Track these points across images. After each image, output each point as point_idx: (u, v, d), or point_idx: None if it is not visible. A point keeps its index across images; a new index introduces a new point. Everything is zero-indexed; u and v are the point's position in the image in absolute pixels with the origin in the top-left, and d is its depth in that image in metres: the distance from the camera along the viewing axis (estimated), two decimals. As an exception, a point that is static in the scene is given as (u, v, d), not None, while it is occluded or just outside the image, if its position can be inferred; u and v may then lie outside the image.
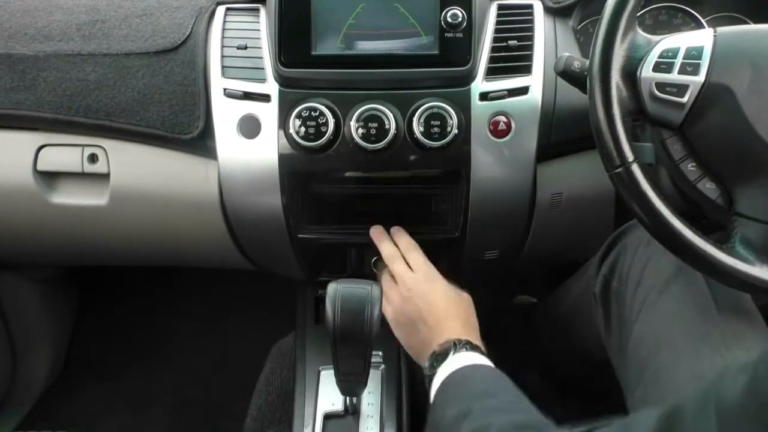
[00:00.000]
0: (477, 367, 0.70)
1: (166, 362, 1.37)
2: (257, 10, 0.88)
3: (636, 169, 0.62)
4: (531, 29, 0.85)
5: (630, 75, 0.64)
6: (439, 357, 0.73)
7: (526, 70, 0.83)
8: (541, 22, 0.86)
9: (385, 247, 0.85)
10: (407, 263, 0.83)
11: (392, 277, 0.83)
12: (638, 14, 0.67)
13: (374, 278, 0.93)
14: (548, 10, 0.88)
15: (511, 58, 0.83)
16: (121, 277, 1.42)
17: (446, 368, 0.71)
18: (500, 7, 0.86)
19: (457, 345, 0.73)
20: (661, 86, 0.63)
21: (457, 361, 0.71)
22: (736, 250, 0.61)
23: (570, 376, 1.05)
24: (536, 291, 1.29)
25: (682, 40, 0.64)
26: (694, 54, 0.63)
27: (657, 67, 0.63)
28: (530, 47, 0.84)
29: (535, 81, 0.82)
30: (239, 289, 1.35)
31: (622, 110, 0.63)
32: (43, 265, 1.27)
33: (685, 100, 0.62)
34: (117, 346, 1.41)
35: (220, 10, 0.89)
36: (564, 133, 0.84)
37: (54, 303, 1.38)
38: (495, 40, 0.84)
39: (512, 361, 0.91)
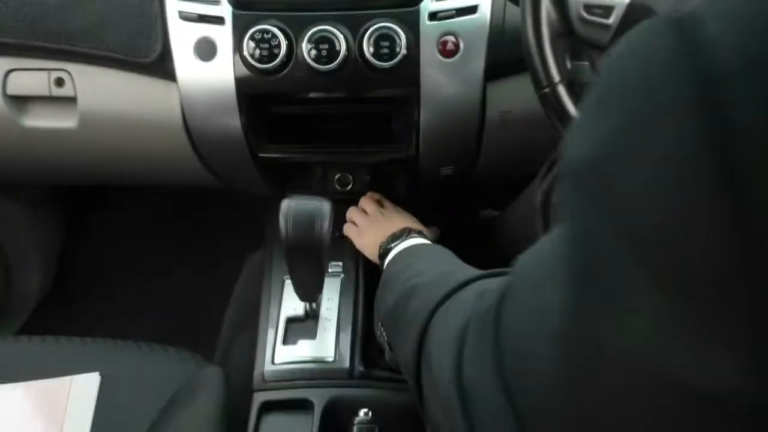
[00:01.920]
0: (424, 243, 0.80)
1: (151, 275, 1.44)
2: (210, -73, 0.88)
3: (561, 89, 0.66)
4: (481, -58, 0.85)
5: (560, -2, 0.66)
6: (392, 238, 0.84)
7: (476, -12, 0.84)
8: None
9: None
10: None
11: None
12: None
13: (338, 197, 1.00)
14: None
15: (461, -23, 0.84)
16: (104, 198, 1.47)
17: (399, 247, 0.81)
18: None
19: (410, 231, 0.84)
20: (589, 8, 0.65)
21: (410, 242, 0.81)
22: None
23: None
24: (501, 205, 1.35)
25: (612, -39, 0.66)
26: (621, -25, 0.65)
27: (585, -10, 0.65)
28: (480, -36, 0.84)
29: (483, 0, 0.84)
30: (217, 209, 1.41)
31: (551, 32, 0.66)
32: (24, 185, 1.32)
33: (610, 21, 0.65)
34: (105, 262, 1.49)
35: (175, -72, 0.89)
36: (512, 53, 0.85)
37: (42, 222, 1.44)
38: (445, -44, 0.84)
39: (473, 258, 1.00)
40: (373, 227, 0.92)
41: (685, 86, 0.21)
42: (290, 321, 0.89)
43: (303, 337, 0.87)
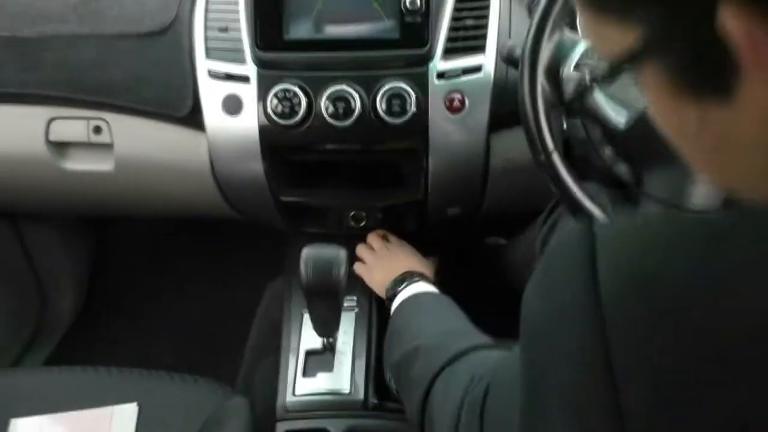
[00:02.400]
0: (424, 293, 0.88)
1: (175, 297, 1.53)
2: (236, -11, 0.96)
3: (556, 158, 0.72)
4: (487, 8, 0.92)
5: (554, 73, 0.73)
6: (397, 282, 0.92)
7: (480, 49, 0.91)
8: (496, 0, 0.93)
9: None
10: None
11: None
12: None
13: (352, 233, 1.08)
14: (505, -14, 0.95)
15: (467, 38, 0.91)
16: (130, 222, 1.56)
17: (403, 294, 0.89)
18: (458, -16, 0.93)
19: (413, 275, 0.92)
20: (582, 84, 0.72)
21: (411, 289, 0.89)
22: (638, 225, 0.72)
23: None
24: (506, 232, 1.41)
25: (602, 40, 0.73)
26: (610, 54, 0.71)
27: (578, 67, 0.72)
28: (485, 26, 0.91)
29: (488, 60, 0.91)
30: (238, 236, 1.49)
31: (546, 104, 0.72)
32: (60, 216, 1.41)
33: (600, 95, 0.72)
34: (132, 285, 1.57)
35: (203, -11, 0.97)
36: (514, 105, 0.93)
37: (73, 245, 1.52)
38: (453, 18, 0.91)
39: (478, 294, 1.08)
40: (380, 265, 1.00)
41: (586, 299, 0.31)
42: (309, 353, 0.97)
43: (321, 370, 0.95)
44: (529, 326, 0.36)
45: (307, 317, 1.02)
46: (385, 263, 0.99)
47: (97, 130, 1.03)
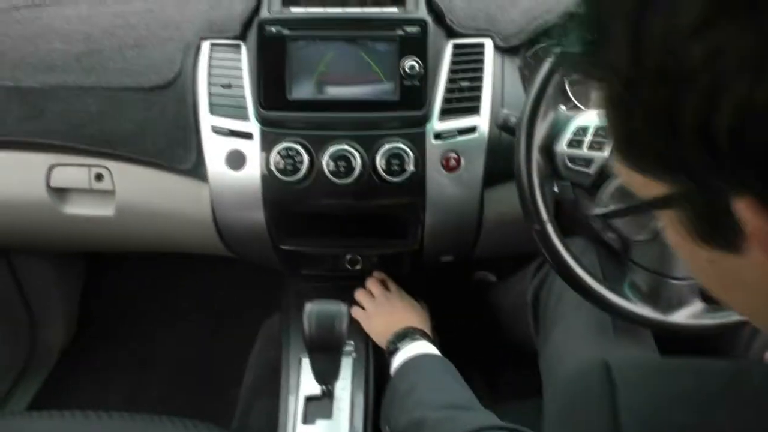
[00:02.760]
0: (426, 355, 0.92)
1: (166, 329, 1.54)
2: (239, 46, 0.99)
3: (549, 227, 0.77)
4: (481, 69, 0.96)
5: (548, 149, 0.78)
6: (398, 338, 0.96)
7: (475, 110, 0.95)
8: (490, 61, 0.97)
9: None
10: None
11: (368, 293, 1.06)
12: None
13: (348, 275, 1.12)
14: (498, 48, 0.99)
15: (463, 99, 0.95)
16: (122, 255, 1.57)
17: (404, 353, 0.93)
18: (455, 46, 0.97)
19: (414, 332, 0.96)
20: (573, 159, 0.77)
21: (412, 348, 0.93)
22: (624, 291, 0.77)
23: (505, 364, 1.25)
24: (496, 268, 1.46)
25: (593, 118, 0.77)
26: (601, 133, 0.76)
27: (570, 144, 0.77)
28: (479, 88, 0.95)
29: (482, 120, 0.95)
30: (232, 268, 1.51)
31: (540, 178, 0.77)
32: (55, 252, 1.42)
33: (591, 171, 0.76)
34: (122, 313, 1.59)
35: (205, 45, 0.99)
36: (508, 163, 0.96)
37: (63, 276, 1.53)
38: (449, 80, 0.95)
39: (469, 341, 1.12)
40: (380, 313, 1.04)
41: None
42: (308, 399, 1.00)
43: (320, 416, 0.98)
44: None
45: (305, 362, 1.05)
46: (386, 313, 1.03)
47: (99, 177, 1.04)
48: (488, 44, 0.98)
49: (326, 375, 0.93)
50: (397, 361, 0.91)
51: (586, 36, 0.32)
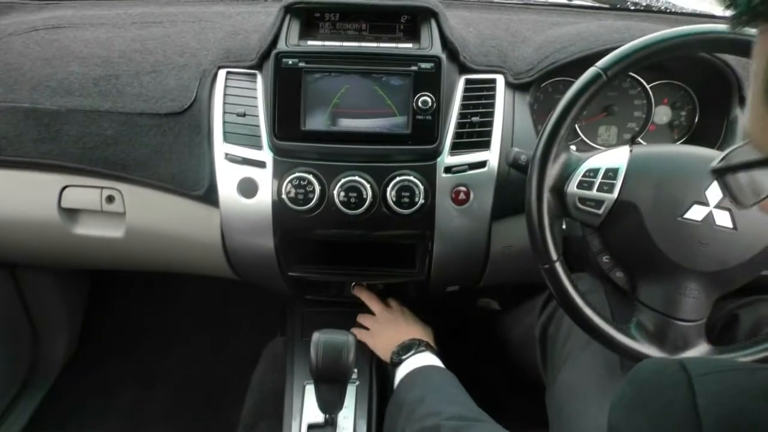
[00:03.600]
0: (432, 367, 0.93)
1: (170, 344, 1.55)
2: (255, 75, 1.00)
3: (558, 267, 0.78)
4: (492, 105, 0.97)
5: (558, 190, 0.79)
6: (403, 349, 0.98)
7: (485, 145, 0.96)
8: (501, 97, 0.98)
9: (365, 295, 1.08)
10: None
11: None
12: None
13: (352, 300, 1.13)
14: (509, 84, 1.00)
15: (473, 134, 0.96)
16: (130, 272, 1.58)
17: (409, 363, 0.94)
18: (468, 81, 0.99)
19: (420, 344, 0.98)
20: (583, 200, 0.78)
21: (417, 359, 0.95)
22: (631, 332, 0.78)
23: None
24: (499, 295, 1.47)
25: (603, 160, 0.79)
26: (610, 175, 0.78)
27: (581, 185, 0.78)
28: (490, 123, 0.97)
29: (492, 155, 0.96)
30: (236, 287, 1.52)
31: (550, 217, 0.78)
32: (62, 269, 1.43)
33: (600, 212, 0.78)
34: (125, 329, 1.59)
35: (222, 73, 1.00)
36: (516, 197, 0.98)
37: (67, 291, 1.54)
38: (460, 116, 0.96)
39: (470, 355, 1.13)
40: (382, 329, 1.06)
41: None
42: (311, 427, 1.00)
43: (323, 444, 0.98)
44: None
45: (309, 389, 1.05)
46: (389, 328, 1.05)
47: (110, 199, 1.05)
48: (500, 80, 0.99)
49: (330, 405, 0.94)
50: (401, 372, 0.92)
51: None
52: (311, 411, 1.03)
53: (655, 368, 0.39)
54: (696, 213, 0.75)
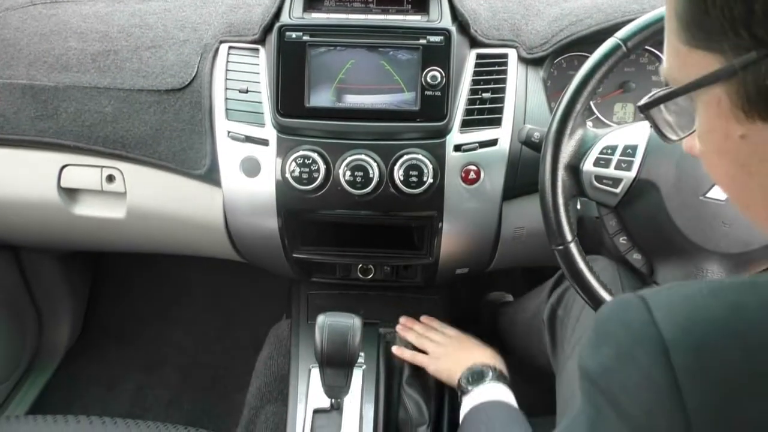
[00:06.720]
0: (500, 404, 0.88)
1: (174, 328, 1.53)
2: (257, 50, 0.97)
3: (573, 247, 0.75)
4: (504, 80, 0.94)
5: (574, 168, 0.75)
6: (473, 375, 0.92)
7: (497, 122, 0.93)
8: (514, 72, 0.94)
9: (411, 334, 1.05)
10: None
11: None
12: None
13: (359, 283, 1.09)
14: (522, 59, 0.96)
15: (484, 111, 0.93)
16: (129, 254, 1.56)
17: (476, 395, 0.89)
18: (479, 56, 0.95)
19: (493, 372, 0.92)
20: (599, 178, 0.75)
21: (488, 391, 0.89)
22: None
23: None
24: (512, 287, 1.43)
25: (621, 137, 0.75)
26: (629, 152, 0.74)
27: (597, 162, 0.74)
28: (501, 100, 0.93)
29: (503, 133, 0.93)
30: (241, 269, 1.49)
31: (565, 196, 0.75)
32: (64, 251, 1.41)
33: (618, 190, 0.74)
34: (130, 313, 1.57)
35: (223, 48, 0.97)
36: (528, 176, 0.95)
37: (71, 274, 1.52)
38: (471, 92, 0.93)
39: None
40: (448, 353, 1.00)
41: (648, 336, 0.36)
42: (316, 412, 0.98)
43: (328, 430, 0.96)
44: (592, 375, 0.40)
45: (314, 372, 1.03)
46: (454, 351, 0.99)
47: (110, 178, 1.03)
48: (512, 55, 0.95)
49: (336, 389, 0.91)
50: (468, 404, 0.88)
51: None
52: (317, 395, 1.01)
53: (612, 305, 0.41)
54: (719, 192, 0.71)
